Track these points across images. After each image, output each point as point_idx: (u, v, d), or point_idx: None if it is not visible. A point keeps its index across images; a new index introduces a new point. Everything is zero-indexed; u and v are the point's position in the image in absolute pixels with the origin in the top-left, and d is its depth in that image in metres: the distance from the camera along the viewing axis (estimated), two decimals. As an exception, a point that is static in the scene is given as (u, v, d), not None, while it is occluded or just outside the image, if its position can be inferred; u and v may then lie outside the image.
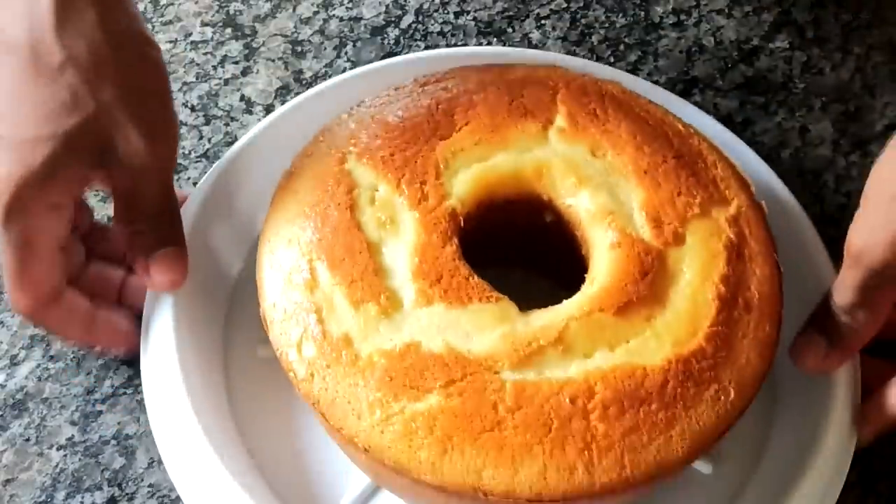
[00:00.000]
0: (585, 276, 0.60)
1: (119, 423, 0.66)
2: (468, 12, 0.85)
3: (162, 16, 0.84)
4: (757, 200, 0.63)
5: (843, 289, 0.60)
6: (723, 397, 0.56)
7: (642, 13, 0.86)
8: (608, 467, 0.54)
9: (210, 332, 0.66)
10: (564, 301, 0.58)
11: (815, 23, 0.87)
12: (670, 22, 0.86)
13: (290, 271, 0.58)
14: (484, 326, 0.56)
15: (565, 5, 0.86)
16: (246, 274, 0.68)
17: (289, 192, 0.61)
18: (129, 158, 0.60)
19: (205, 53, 0.82)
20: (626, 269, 0.58)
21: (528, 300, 0.58)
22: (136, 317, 0.66)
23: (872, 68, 0.85)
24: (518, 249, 0.66)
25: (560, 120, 0.63)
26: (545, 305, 0.58)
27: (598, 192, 0.61)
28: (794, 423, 0.64)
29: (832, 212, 0.74)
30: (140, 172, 0.61)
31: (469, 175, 0.61)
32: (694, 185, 0.62)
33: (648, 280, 0.58)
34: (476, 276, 0.58)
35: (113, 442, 0.66)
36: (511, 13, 0.86)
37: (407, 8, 0.85)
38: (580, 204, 0.61)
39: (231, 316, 0.68)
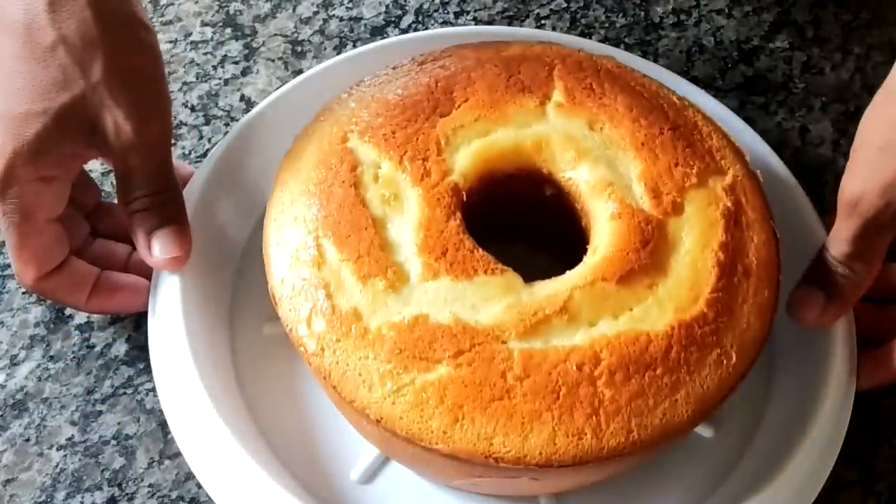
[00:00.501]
0: (586, 247, 0.61)
1: (119, 423, 0.66)
2: (468, 12, 0.86)
3: (162, 16, 0.84)
4: (752, 170, 0.64)
5: (839, 241, 0.62)
6: (725, 361, 0.57)
7: (642, 13, 0.87)
8: (616, 431, 0.55)
9: (217, 310, 0.67)
10: (568, 272, 0.59)
11: (815, 23, 0.87)
12: (670, 22, 0.87)
13: (297, 248, 0.59)
14: (490, 298, 0.57)
15: (565, 5, 0.87)
16: (249, 251, 0.69)
17: (292, 171, 0.62)
18: (117, 137, 0.61)
19: (205, 53, 0.82)
20: (627, 239, 0.59)
21: (530, 273, 0.59)
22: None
23: (872, 68, 0.85)
24: (519, 223, 0.67)
25: (557, 95, 0.64)
26: (546, 278, 0.59)
27: (597, 164, 0.62)
28: (792, 385, 0.66)
29: (832, 211, 0.74)
30: (129, 151, 0.62)
31: (470, 151, 0.62)
32: (690, 155, 0.63)
33: (649, 249, 0.59)
34: (480, 249, 0.59)
35: (113, 442, 0.66)
36: (511, 13, 0.86)
37: (407, 8, 0.86)
38: (579, 176, 0.62)
39: (236, 294, 0.69)
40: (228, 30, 0.84)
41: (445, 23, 0.85)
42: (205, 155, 0.77)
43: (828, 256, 0.62)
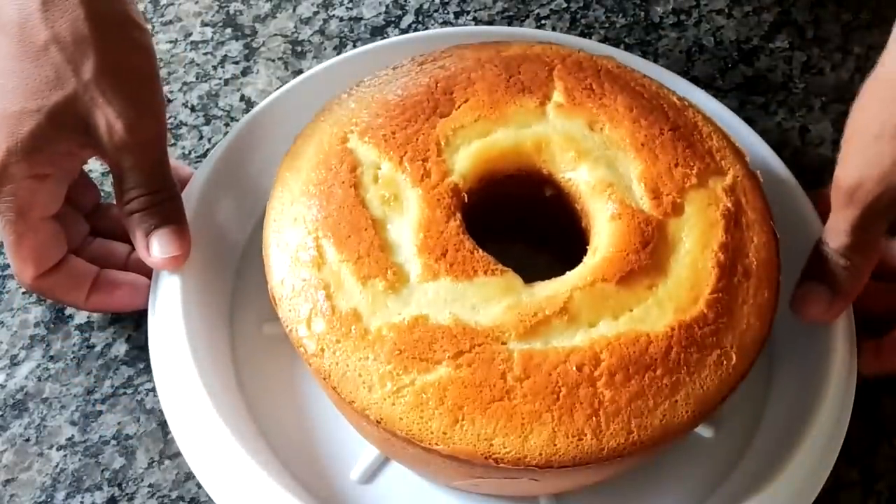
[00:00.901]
0: (586, 248, 0.61)
1: (119, 423, 0.66)
2: (468, 12, 0.86)
3: (162, 16, 0.84)
4: (752, 170, 0.64)
5: (837, 232, 0.61)
6: (725, 361, 0.57)
7: (642, 13, 0.87)
8: (616, 432, 0.55)
9: (217, 310, 0.67)
10: (568, 272, 0.59)
11: (815, 23, 0.87)
12: (670, 22, 0.87)
13: (296, 249, 0.59)
14: (490, 298, 0.57)
15: (565, 5, 0.87)
16: (249, 251, 0.70)
17: (292, 172, 0.62)
18: (109, 137, 0.62)
19: (205, 53, 0.82)
20: (627, 240, 0.59)
21: (530, 274, 0.59)
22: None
23: (872, 68, 0.84)
24: (519, 224, 0.67)
25: (557, 95, 0.64)
26: (546, 279, 0.59)
27: (597, 165, 0.62)
28: (792, 385, 0.66)
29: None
30: (122, 151, 0.62)
31: (470, 151, 0.62)
32: (690, 156, 0.63)
33: (649, 250, 0.59)
34: (480, 250, 0.59)
35: (113, 442, 0.66)
36: (511, 13, 0.86)
37: (407, 8, 0.86)
38: (579, 177, 0.62)
39: (236, 294, 0.69)
40: (228, 30, 0.84)
41: (445, 23, 0.85)
42: (205, 155, 0.77)
43: (826, 249, 0.62)
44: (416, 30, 0.85)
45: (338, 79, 0.67)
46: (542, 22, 0.86)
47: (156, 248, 0.63)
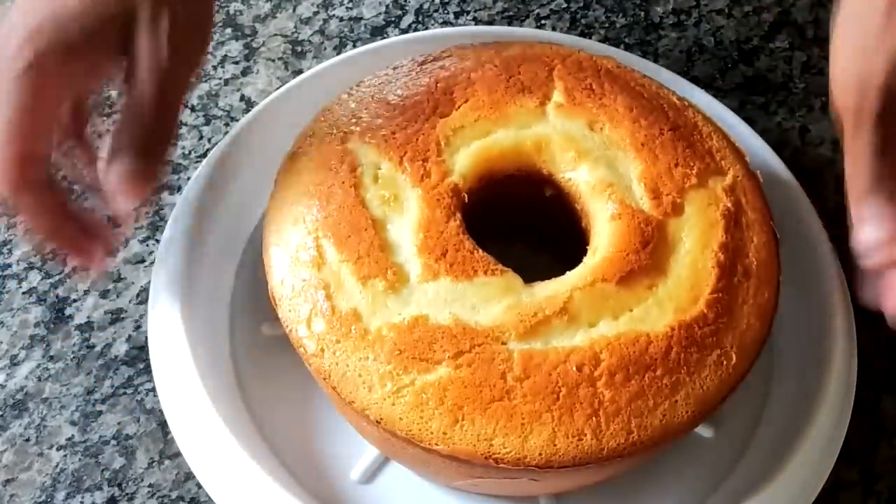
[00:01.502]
0: (586, 248, 0.61)
1: (119, 423, 0.66)
2: (468, 12, 0.86)
3: (162, 16, 0.84)
4: (752, 170, 0.64)
5: (858, 164, 0.54)
6: (725, 361, 0.57)
7: (642, 13, 0.87)
8: (616, 432, 0.55)
9: (217, 310, 0.67)
10: (568, 272, 0.59)
11: (815, 23, 0.87)
12: (670, 22, 0.87)
13: (296, 249, 0.59)
14: (490, 298, 0.57)
15: (565, 5, 0.87)
16: (249, 251, 0.70)
17: (292, 172, 0.62)
18: (153, 37, 0.57)
19: (204, 53, 0.82)
20: (627, 240, 0.59)
21: (530, 274, 0.59)
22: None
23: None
24: (519, 224, 0.67)
25: (557, 95, 0.65)
26: (546, 279, 0.59)
27: (597, 165, 0.62)
28: (792, 385, 0.66)
29: (832, 212, 0.74)
30: (154, 73, 0.57)
31: (470, 151, 0.62)
32: (690, 156, 0.63)
33: (649, 250, 0.59)
34: (480, 250, 0.59)
35: (113, 442, 0.66)
36: (511, 13, 0.86)
37: (407, 8, 0.86)
38: (579, 177, 0.62)
39: (236, 294, 0.69)
40: (228, 30, 0.84)
41: (445, 23, 0.85)
42: (205, 155, 0.76)
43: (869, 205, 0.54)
44: (416, 30, 0.85)
45: (338, 79, 0.67)
46: (542, 22, 0.86)
47: (122, 185, 0.57)
